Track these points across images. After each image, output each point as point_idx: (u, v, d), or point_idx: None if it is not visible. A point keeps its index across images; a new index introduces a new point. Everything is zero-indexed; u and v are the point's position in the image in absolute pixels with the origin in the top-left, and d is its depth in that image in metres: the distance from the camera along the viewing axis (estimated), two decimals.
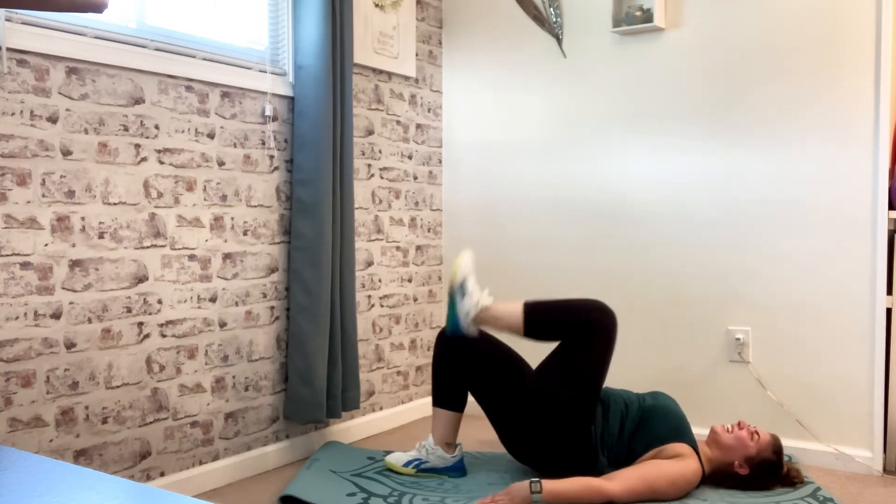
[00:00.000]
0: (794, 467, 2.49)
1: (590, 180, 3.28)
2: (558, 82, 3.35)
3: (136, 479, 2.37)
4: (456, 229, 3.62)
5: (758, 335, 2.94)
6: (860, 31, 2.72)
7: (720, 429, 2.46)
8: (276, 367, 2.81)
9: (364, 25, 3.16)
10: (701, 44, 3.03)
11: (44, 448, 2.14)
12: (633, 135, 3.18)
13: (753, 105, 2.92)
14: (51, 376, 2.15)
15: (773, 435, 2.48)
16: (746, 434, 2.43)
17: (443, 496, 2.42)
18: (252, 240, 2.71)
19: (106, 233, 2.27)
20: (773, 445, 2.44)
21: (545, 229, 3.40)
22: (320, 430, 2.99)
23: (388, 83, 3.31)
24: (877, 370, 2.71)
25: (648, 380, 3.16)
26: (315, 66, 2.77)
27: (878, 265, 2.71)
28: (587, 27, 3.28)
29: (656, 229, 3.13)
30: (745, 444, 2.42)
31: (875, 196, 2.71)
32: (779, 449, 2.45)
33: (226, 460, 2.63)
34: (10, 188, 2.06)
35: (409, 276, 3.44)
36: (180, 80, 2.47)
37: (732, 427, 2.45)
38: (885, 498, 2.49)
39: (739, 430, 2.44)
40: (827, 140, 2.80)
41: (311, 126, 2.77)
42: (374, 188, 3.25)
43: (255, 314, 2.72)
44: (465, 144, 3.59)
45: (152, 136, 2.39)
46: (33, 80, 2.10)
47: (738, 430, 2.44)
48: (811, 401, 2.84)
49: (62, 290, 2.17)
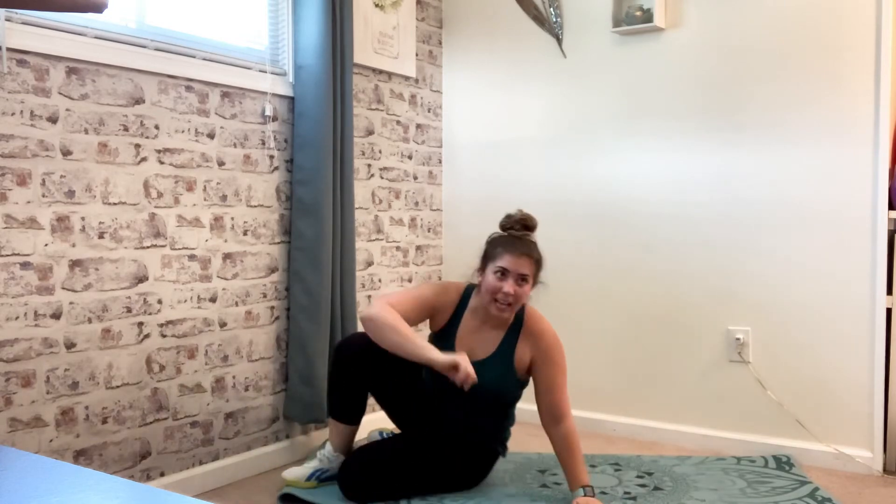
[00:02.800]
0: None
1: (590, 180, 3.28)
2: (558, 82, 3.35)
3: (136, 479, 2.37)
4: (456, 229, 3.62)
5: (758, 335, 2.94)
6: (860, 31, 2.72)
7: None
8: (276, 367, 2.81)
9: (364, 25, 3.15)
10: (701, 44, 3.03)
11: (44, 448, 2.14)
12: (634, 135, 3.18)
13: (753, 105, 2.92)
14: (51, 376, 2.15)
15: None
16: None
17: (442, 496, 2.42)
18: (252, 240, 2.71)
19: (106, 233, 2.27)
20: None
21: (545, 229, 3.39)
22: (320, 430, 2.98)
23: (388, 83, 3.31)
24: (877, 370, 2.71)
25: (649, 380, 3.16)
26: (315, 66, 2.77)
27: (878, 265, 2.71)
28: (587, 27, 3.28)
29: (656, 229, 3.13)
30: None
31: (875, 196, 2.71)
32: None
33: (226, 460, 2.63)
34: (10, 188, 2.05)
35: (409, 276, 3.44)
36: (180, 80, 2.47)
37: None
38: (885, 498, 2.48)
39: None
40: (827, 140, 2.79)
41: (311, 126, 2.77)
42: (374, 188, 3.25)
43: (255, 314, 2.72)
44: (465, 144, 3.59)
45: (152, 136, 2.39)
46: (33, 80, 2.10)
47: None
48: (811, 401, 2.84)
49: (62, 290, 2.17)
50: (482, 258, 2.39)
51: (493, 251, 2.36)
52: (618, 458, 2.85)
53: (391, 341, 2.24)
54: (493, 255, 2.35)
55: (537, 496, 2.44)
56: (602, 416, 3.27)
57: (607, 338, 3.26)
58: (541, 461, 2.80)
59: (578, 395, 3.32)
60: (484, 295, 2.35)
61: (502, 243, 2.35)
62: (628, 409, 3.21)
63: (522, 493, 2.46)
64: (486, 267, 2.35)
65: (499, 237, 2.41)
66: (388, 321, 2.24)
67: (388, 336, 2.24)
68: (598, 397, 3.28)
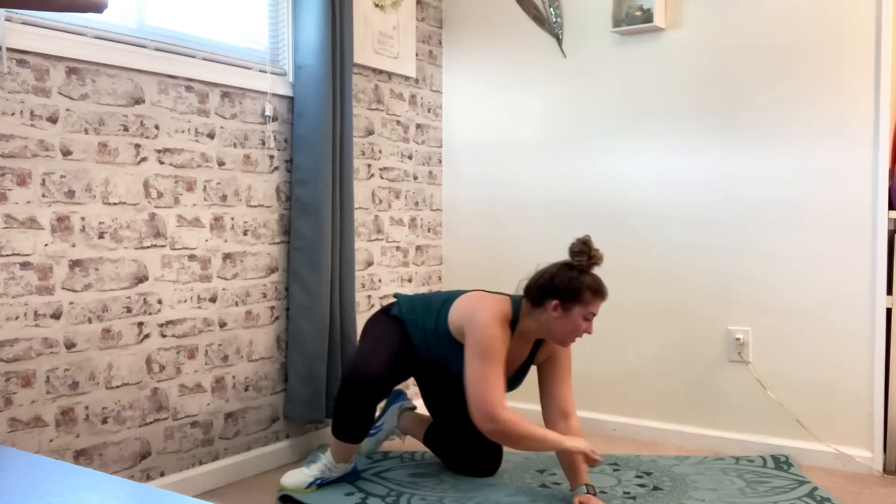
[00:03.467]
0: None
1: (590, 180, 3.28)
2: (558, 82, 3.35)
3: (136, 479, 2.37)
4: (456, 229, 3.62)
5: (758, 335, 2.94)
6: (860, 31, 2.72)
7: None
8: (276, 367, 2.81)
9: (364, 25, 3.15)
10: (701, 44, 3.03)
11: (44, 448, 2.14)
12: (633, 135, 3.18)
13: (753, 105, 2.92)
14: (51, 376, 2.15)
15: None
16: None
17: (441, 496, 2.42)
18: (252, 240, 2.71)
19: (106, 233, 2.27)
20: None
21: (545, 229, 3.40)
22: (320, 430, 2.99)
23: (388, 83, 3.31)
24: (877, 370, 2.71)
25: (649, 379, 3.16)
26: (315, 66, 2.77)
27: (878, 265, 2.71)
28: (587, 27, 3.28)
29: (656, 229, 3.13)
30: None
31: (875, 196, 2.71)
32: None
33: (226, 460, 2.63)
34: (10, 188, 2.06)
35: (409, 276, 3.44)
36: (180, 80, 2.47)
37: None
38: (885, 498, 2.49)
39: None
40: (827, 140, 2.80)
41: (310, 126, 2.77)
42: (374, 188, 3.25)
43: (255, 314, 2.72)
44: (465, 144, 3.59)
45: (152, 136, 2.39)
46: (33, 80, 2.10)
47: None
48: (811, 401, 2.84)
49: (62, 290, 2.17)
50: (563, 293, 2.29)
51: (583, 295, 2.29)
52: (617, 457, 2.85)
53: (526, 447, 2.26)
54: (582, 299, 2.29)
55: (537, 496, 2.44)
56: (602, 416, 3.27)
57: (607, 337, 3.26)
58: (540, 461, 2.80)
59: (579, 395, 3.32)
60: (564, 333, 2.34)
61: (591, 288, 2.30)
62: (628, 409, 3.22)
63: (522, 493, 2.46)
64: (573, 307, 2.30)
65: (587, 278, 2.31)
66: (516, 430, 2.23)
67: (522, 444, 2.25)
68: (598, 397, 3.28)
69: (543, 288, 2.33)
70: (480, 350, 2.28)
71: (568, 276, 2.31)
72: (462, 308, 2.40)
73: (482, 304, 2.36)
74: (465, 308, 2.39)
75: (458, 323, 2.39)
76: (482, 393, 2.24)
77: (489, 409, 2.23)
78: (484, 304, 2.36)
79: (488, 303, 2.36)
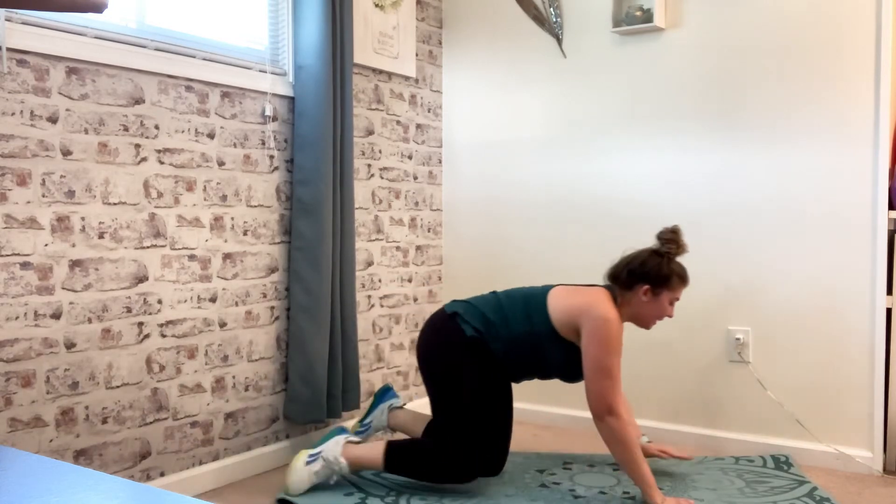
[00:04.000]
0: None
1: (590, 180, 3.28)
2: (558, 82, 3.35)
3: (136, 479, 2.37)
4: (456, 229, 3.62)
5: (758, 335, 2.94)
6: (860, 31, 2.72)
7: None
8: (276, 367, 2.81)
9: (364, 25, 3.16)
10: (701, 44, 3.03)
11: (44, 448, 2.14)
12: (633, 135, 3.18)
13: (753, 105, 2.92)
14: (51, 376, 2.15)
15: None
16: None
17: (441, 496, 2.42)
18: (252, 240, 2.71)
19: (106, 233, 2.27)
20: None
21: (545, 229, 3.40)
22: (320, 430, 2.99)
23: (388, 83, 3.31)
24: (877, 370, 2.71)
25: (649, 379, 3.16)
26: (315, 66, 2.77)
27: (878, 265, 2.71)
28: (587, 27, 3.28)
29: (656, 228, 3.13)
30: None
31: (875, 196, 2.71)
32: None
33: (226, 460, 2.63)
34: (10, 188, 2.06)
35: (409, 276, 3.44)
36: (180, 80, 2.47)
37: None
38: (885, 498, 2.49)
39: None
40: (827, 140, 2.80)
41: (311, 126, 2.77)
42: (374, 188, 3.25)
43: (255, 314, 2.72)
44: (465, 144, 3.59)
45: (152, 136, 2.39)
46: (33, 80, 2.10)
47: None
48: (811, 401, 2.84)
49: (62, 290, 2.17)
50: (654, 278, 2.42)
51: (671, 280, 2.43)
52: None
53: (621, 458, 2.31)
54: (671, 284, 2.43)
55: (536, 496, 2.44)
56: None
57: None
58: (540, 461, 2.80)
59: (579, 395, 3.32)
60: (651, 316, 2.46)
61: (679, 274, 2.44)
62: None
63: (521, 493, 2.46)
64: (661, 292, 2.43)
65: (675, 265, 2.45)
66: (624, 432, 2.29)
67: (619, 448, 2.30)
68: None
69: (634, 273, 2.43)
70: (605, 344, 2.33)
71: (657, 262, 2.43)
72: (570, 303, 2.42)
73: (595, 298, 2.40)
74: (574, 303, 2.41)
75: (566, 318, 2.41)
76: (606, 387, 2.31)
77: (611, 402, 2.31)
78: (598, 298, 2.40)
79: (600, 296, 2.41)
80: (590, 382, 2.33)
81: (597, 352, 2.33)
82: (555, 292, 2.47)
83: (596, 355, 2.33)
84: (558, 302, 2.44)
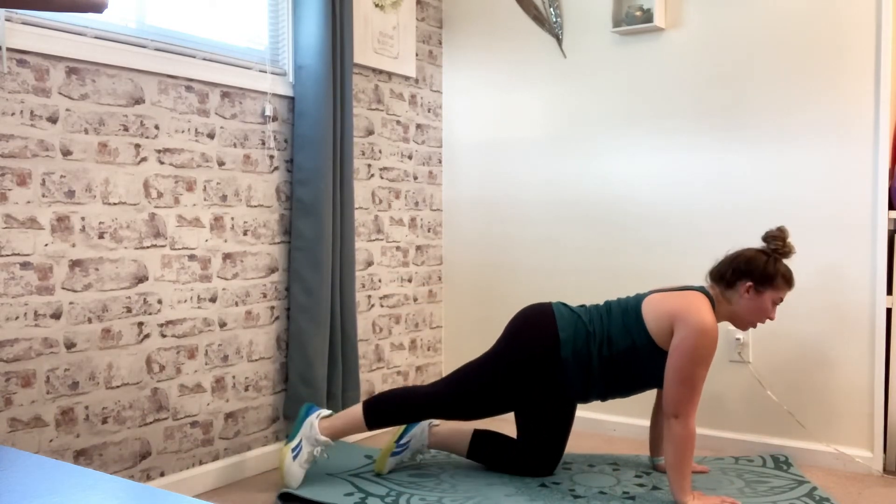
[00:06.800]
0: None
1: (590, 180, 3.28)
2: (558, 82, 3.35)
3: (136, 479, 2.37)
4: (456, 229, 3.62)
5: (758, 335, 2.94)
6: (860, 31, 2.72)
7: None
8: (276, 367, 2.81)
9: (364, 25, 3.16)
10: (701, 44, 3.03)
11: (44, 448, 2.14)
12: (633, 135, 3.18)
13: (753, 105, 2.92)
14: (51, 376, 2.15)
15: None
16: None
17: (440, 496, 2.42)
18: (252, 240, 2.71)
19: (106, 233, 2.27)
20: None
21: (545, 229, 3.40)
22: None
23: (388, 83, 3.31)
24: (877, 370, 2.71)
25: None
26: (315, 66, 2.77)
27: (878, 265, 2.71)
28: (587, 27, 3.28)
29: (656, 229, 3.13)
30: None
31: (875, 196, 2.72)
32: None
33: (226, 460, 2.63)
34: (10, 188, 2.06)
35: (409, 276, 3.45)
36: (180, 80, 2.47)
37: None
38: (885, 498, 2.49)
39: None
40: (827, 140, 2.80)
41: (311, 126, 2.77)
42: (374, 188, 3.25)
43: (255, 314, 2.72)
44: (465, 144, 3.59)
45: (152, 136, 2.39)
46: (33, 80, 2.10)
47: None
48: (811, 401, 2.84)
49: (62, 290, 2.17)
50: (758, 276, 2.39)
51: (776, 280, 2.40)
52: (616, 457, 2.85)
53: (670, 460, 2.31)
54: (776, 284, 2.40)
55: (536, 496, 2.44)
56: (602, 416, 3.27)
57: None
58: None
59: None
60: (752, 315, 2.44)
61: (784, 275, 2.42)
62: (628, 409, 3.22)
63: (521, 493, 2.46)
64: (765, 291, 2.40)
65: (781, 266, 2.42)
66: (689, 445, 2.30)
67: (671, 455, 2.31)
68: None
69: (738, 270, 2.41)
70: (693, 353, 2.29)
71: (763, 260, 2.41)
72: (665, 308, 2.39)
73: (692, 302, 2.36)
74: (668, 308, 2.38)
75: (662, 325, 2.39)
76: (682, 394, 2.29)
77: (682, 408, 2.29)
78: (695, 303, 2.36)
79: (697, 300, 2.37)
80: (668, 384, 2.32)
81: (683, 358, 2.30)
82: (653, 300, 2.45)
83: (681, 361, 2.30)
84: (652, 309, 2.43)
